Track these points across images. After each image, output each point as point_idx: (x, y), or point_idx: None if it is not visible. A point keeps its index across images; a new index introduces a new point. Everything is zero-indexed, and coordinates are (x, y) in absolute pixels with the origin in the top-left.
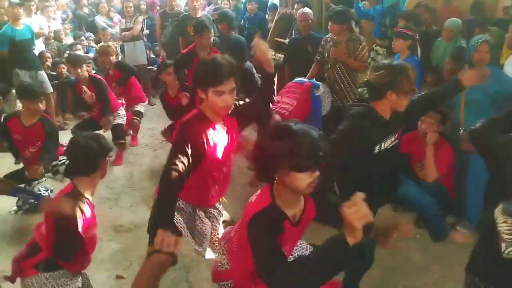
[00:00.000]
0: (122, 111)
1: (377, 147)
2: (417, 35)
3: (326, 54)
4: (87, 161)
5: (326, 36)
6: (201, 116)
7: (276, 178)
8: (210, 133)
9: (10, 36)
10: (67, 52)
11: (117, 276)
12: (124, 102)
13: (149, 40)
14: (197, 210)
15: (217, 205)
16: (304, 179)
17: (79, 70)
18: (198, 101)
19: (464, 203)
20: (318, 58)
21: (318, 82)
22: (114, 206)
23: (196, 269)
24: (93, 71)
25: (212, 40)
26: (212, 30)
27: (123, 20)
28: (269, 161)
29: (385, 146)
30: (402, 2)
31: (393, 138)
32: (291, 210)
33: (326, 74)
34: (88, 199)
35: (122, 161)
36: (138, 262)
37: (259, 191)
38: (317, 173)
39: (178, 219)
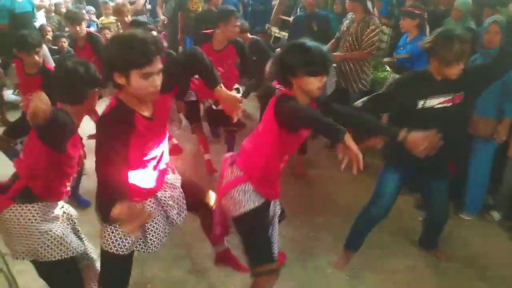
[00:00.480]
0: None
1: (421, 102)
2: (426, 14)
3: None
4: (73, 87)
5: (348, 13)
6: (121, 108)
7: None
8: (134, 127)
9: (9, 9)
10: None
11: None
12: None
13: (151, 15)
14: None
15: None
16: (315, 83)
17: (78, 28)
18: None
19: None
20: (337, 35)
21: None
22: None
23: (198, 245)
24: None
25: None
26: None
27: None
28: (287, 70)
29: (431, 104)
30: None
31: (442, 99)
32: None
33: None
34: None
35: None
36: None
37: None
38: (325, 78)
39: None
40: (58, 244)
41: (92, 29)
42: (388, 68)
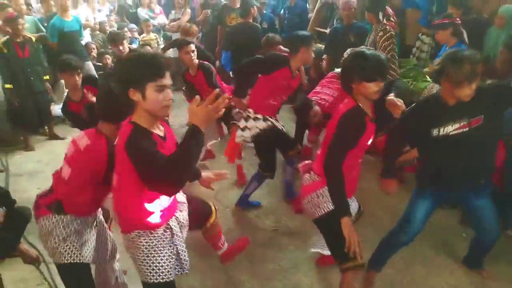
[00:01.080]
0: None
1: (435, 131)
2: (457, 19)
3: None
4: (114, 108)
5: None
6: (139, 131)
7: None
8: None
9: (59, 28)
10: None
11: None
12: None
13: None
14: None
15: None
16: (372, 88)
17: (120, 47)
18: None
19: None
20: (366, 45)
21: None
22: None
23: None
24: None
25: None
26: None
27: (173, 11)
28: (348, 76)
29: (446, 132)
30: None
31: (457, 125)
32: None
33: None
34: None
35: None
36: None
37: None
38: (382, 84)
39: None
40: (73, 248)
41: (134, 45)
42: (428, 78)
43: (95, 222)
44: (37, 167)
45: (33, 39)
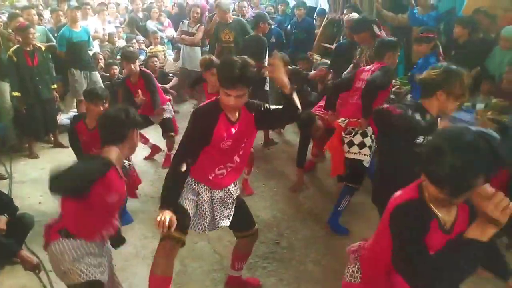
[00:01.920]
0: (169, 106)
1: (421, 137)
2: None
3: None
4: (115, 130)
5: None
6: (215, 105)
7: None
8: (220, 121)
9: (67, 38)
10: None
11: None
12: (170, 98)
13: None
14: (204, 191)
15: (230, 187)
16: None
17: (132, 66)
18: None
19: None
20: (354, 62)
21: None
22: (152, 205)
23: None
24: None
25: None
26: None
27: (186, 22)
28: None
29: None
30: (459, 8)
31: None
32: (442, 214)
33: None
34: (114, 165)
35: None
36: (179, 261)
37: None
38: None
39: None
40: (90, 267)
41: (142, 57)
42: None
43: (105, 245)
44: (41, 175)
45: (43, 48)
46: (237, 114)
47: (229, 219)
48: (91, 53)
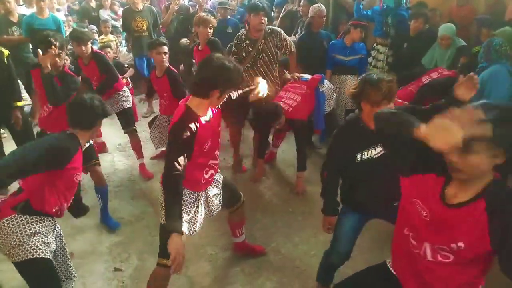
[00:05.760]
0: (126, 92)
1: (359, 155)
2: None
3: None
4: (88, 118)
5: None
6: (187, 114)
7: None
8: (200, 126)
9: (29, 23)
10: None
11: (115, 268)
12: (129, 81)
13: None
14: (202, 196)
15: (216, 177)
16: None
17: (83, 48)
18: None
19: None
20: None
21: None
22: (114, 198)
23: (196, 264)
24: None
25: None
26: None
27: None
28: None
29: (369, 156)
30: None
31: (379, 149)
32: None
33: None
34: (81, 146)
35: (149, 173)
36: (136, 255)
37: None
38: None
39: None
40: (39, 244)
41: (95, 47)
42: None
43: (56, 228)
44: None
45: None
46: (209, 112)
47: (220, 202)
48: None
